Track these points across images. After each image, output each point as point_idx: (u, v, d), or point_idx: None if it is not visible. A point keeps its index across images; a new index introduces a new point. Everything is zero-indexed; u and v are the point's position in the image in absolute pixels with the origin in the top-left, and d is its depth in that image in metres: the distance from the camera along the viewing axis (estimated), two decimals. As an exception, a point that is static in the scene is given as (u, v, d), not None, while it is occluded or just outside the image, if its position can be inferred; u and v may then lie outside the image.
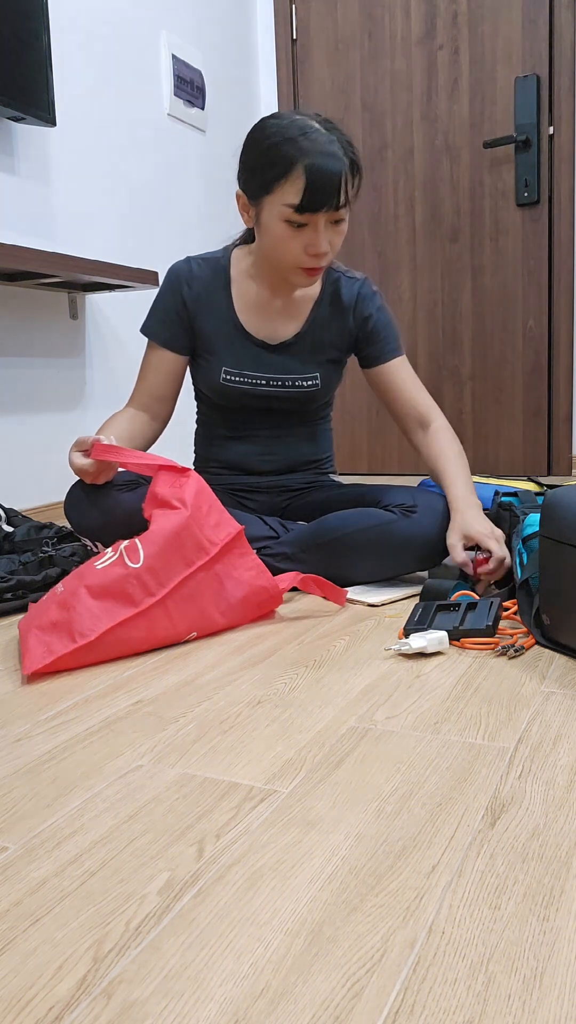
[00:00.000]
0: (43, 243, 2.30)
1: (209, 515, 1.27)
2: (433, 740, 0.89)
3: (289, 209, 1.38)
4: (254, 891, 0.64)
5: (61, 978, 0.55)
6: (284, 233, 1.41)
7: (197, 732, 0.93)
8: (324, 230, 1.41)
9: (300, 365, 1.60)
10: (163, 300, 1.60)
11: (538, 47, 2.96)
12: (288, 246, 1.42)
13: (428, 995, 0.53)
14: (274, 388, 1.60)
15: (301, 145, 1.34)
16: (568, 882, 0.64)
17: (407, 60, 3.15)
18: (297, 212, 1.37)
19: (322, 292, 1.60)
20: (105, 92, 2.53)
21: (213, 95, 3.08)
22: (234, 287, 1.59)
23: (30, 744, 0.92)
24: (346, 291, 1.60)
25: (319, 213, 1.38)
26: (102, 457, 1.35)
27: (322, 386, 1.62)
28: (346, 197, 1.38)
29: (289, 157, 1.35)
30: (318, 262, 1.44)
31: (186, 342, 1.60)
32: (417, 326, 3.27)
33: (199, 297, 1.58)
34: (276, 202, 1.39)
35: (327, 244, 1.42)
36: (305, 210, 1.37)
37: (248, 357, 1.59)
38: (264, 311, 1.59)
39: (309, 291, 1.61)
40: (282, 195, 1.38)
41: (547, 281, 3.05)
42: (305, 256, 1.43)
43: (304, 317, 1.60)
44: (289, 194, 1.37)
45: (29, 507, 2.30)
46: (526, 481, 1.83)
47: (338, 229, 1.43)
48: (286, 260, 1.45)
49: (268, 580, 1.30)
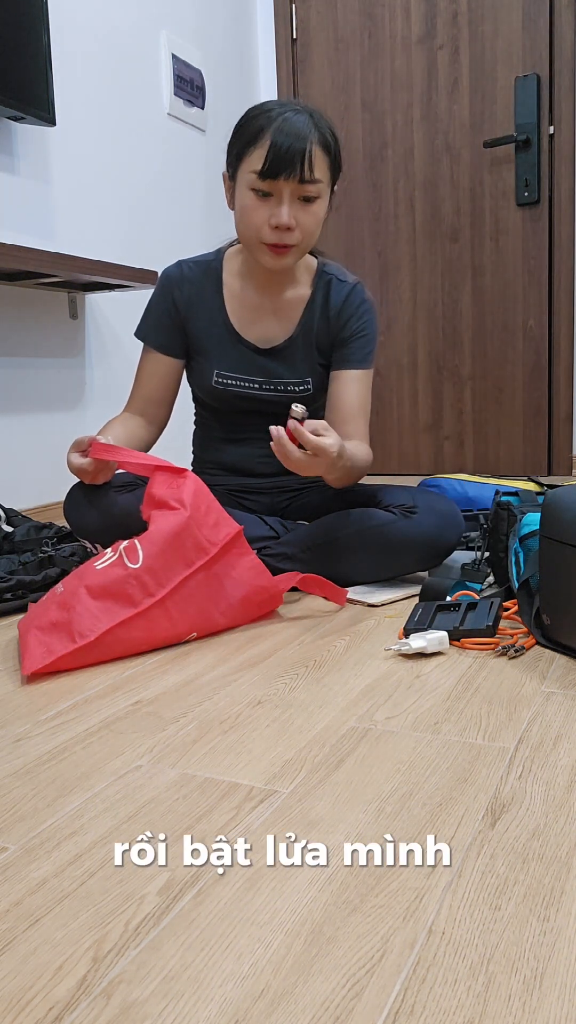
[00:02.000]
0: (43, 243, 2.30)
1: (208, 515, 1.27)
2: (433, 740, 0.89)
3: (254, 176, 1.39)
4: (254, 892, 0.64)
5: (61, 978, 0.55)
6: (251, 202, 1.42)
7: (197, 732, 0.93)
8: (289, 204, 1.40)
9: (291, 370, 1.59)
10: (155, 304, 1.60)
11: (538, 47, 2.96)
12: (253, 217, 1.42)
13: (428, 995, 0.52)
14: (266, 392, 1.59)
15: (271, 116, 1.39)
16: (568, 882, 0.64)
17: (407, 60, 3.15)
18: (260, 178, 1.38)
19: (313, 294, 1.59)
20: (105, 92, 2.53)
21: (213, 95, 3.08)
22: (226, 289, 1.59)
23: (30, 744, 0.92)
24: (335, 294, 1.58)
25: (280, 179, 1.38)
26: (100, 456, 1.36)
27: (314, 391, 1.61)
28: (310, 171, 1.38)
29: (259, 126, 1.39)
30: (281, 237, 1.42)
31: (180, 345, 1.60)
32: (417, 326, 3.27)
33: (190, 300, 1.58)
34: (245, 170, 1.41)
35: (290, 218, 1.40)
36: (267, 175, 1.38)
37: (240, 360, 1.58)
38: (255, 313, 1.59)
39: (300, 293, 1.59)
40: (249, 163, 1.40)
41: (547, 281, 3.05)
42: (268, 230, 1.42)
43: (296, 320, 1.59)
44: (255, 160, 1.39)
45: (29, 507, 2.29)
46: (526, 481, 1.83)
47: (308, 209, 1.42)
48: (252, 234, 1.44)
49: (268, 580, 1.30)
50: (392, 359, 3.30)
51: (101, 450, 1.35)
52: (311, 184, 1.40)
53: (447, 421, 3.26)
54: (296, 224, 1.42)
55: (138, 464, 1.33)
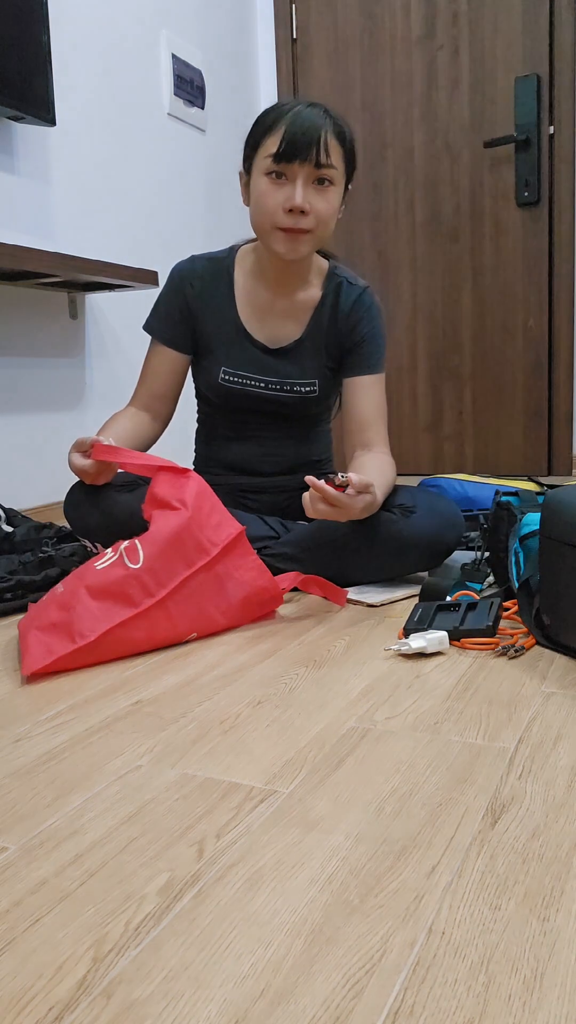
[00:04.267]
0: (43, 243, 2.30)
1: (211, 515, 1.27)
2: (433, 740, 0.89)
3: (269, 160, 1.42)
4: (254, 892, 0.64)
5: (61, 978, 0.55)
6: (266, 187, 1.44)
7: (197, 732, 0.93)
8: (304, 187, 1.42)
9: (300, 371, 1.60)
10: (166, 298, 1.61)
11: (538, 47, 2.96)
12: (267, 202, 1.44)
13: (428, 996, 0.52)
14: (273, 392, 1.59)
15: (286, 109, 1.43)
16: (568, 882, 0.64)
17: (407, 60, 3.15)
18: (275, 161, 1.41)
19: (324, 297, 1.60)
20: (105, 92, 2.53)
21: (213, 95, 3.08)
22: (237, 287, 1.59)
23: (30, 744, 0.92)
24: (344, 297, 1.59)
25: (295, 163, 1.40)
26: (102, 458, 1.36)
27: (320, 393, 1.62)
28: (326, 155, 1.41)
29: (275, 116, 1.43)
30: (296, 221, 1.43)
31: (188, 341, 1.60)
32: (417, 326, 3.27)
33: (201, 296, 1.58)
34: (260, 157, 1.44)
35: (305, 201, 1.42)
36: (282, 158, 1.40)
37: (247, 359, 1.59)
38: (266, 313, 1.59)
39: (311, 294, 1.60)
40: (264, 149, 1.43)
41: (547, 281, 3.05)
42: (283, 214, 1.44)
43: (306, 321, 1.59)
44: (271, 146, 1.42)
45: (29, 507, 2.29)
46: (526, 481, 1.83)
47: (323, 195, 1.44)
48: (266, 220, 1.46)
49: (269, 580, 1.30)
50: (392, 359, 3.30)
51: (103, 452, 1.35)
52: (326, 169, 1.42)
53: (447, 421, 3.26)
54: (311, 208, 1.43)
55: (140, 465, 1.33)
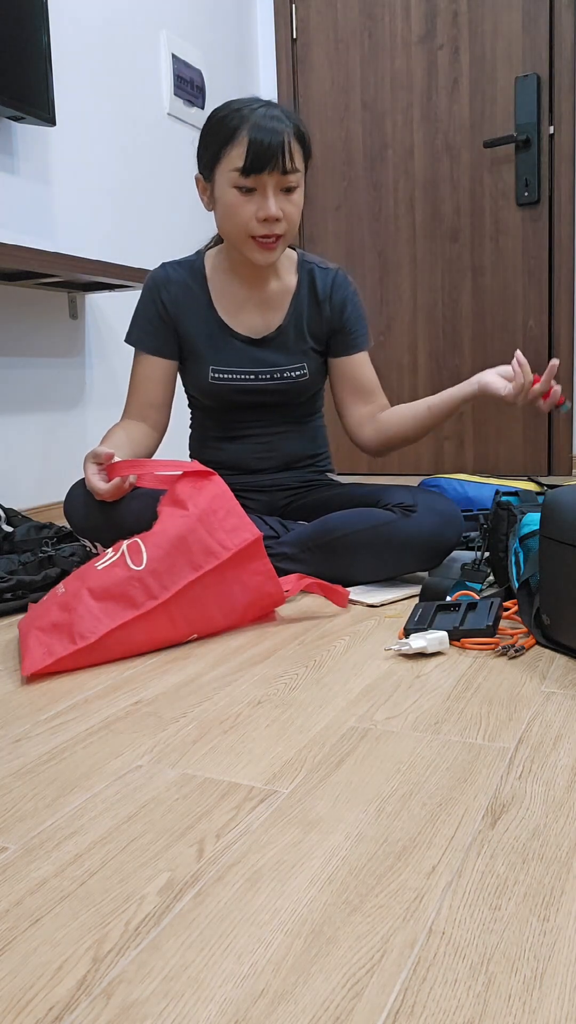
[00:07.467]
0: (43, 243, 2.30)
1: (226, 519, 1.25)
2: (433, 740, 0.89)
3: (236, 173, 1.42)
4: (254, 891, 0.64)
5: (61, 978, 0.55)
6: (235, 200, 1.45)
7: (197, 732, 0.93)
8: (274, 196, 1.44)
9: (286, 357, 1.62)
10: (144, 308, 1.61)
11: (538, 47, 2.96)
12: (239, 214, 1.45)
13: (428, 995, 0.52)
14: (263, 382, 1.60)
15: (243, 114, 1.42)
16: (568, 882, 0.64)
17: (407, 60, 3.15)
18: (243, 175, 1.42)
19: (299, 283, 1.63)
20: (105, 92, 2.53)
21: (213, 95, 3.08)
22: (212, 285, 1.61)
23: (30, 744, 0.92)
24: (321, 281, 1.62)
25: (264, 174, 1.41)
26: (124, 473, 1.36)
27: (310, 375, 1.64)
28: (291, 161, 1.42)
29: (233, 125, 1.42)
30: (270, 228, 1.46)
31: (173, 346, 1.61)
32: (417, 326, 3.27)
33: (178, 299, 1.59)
34: (224, 170, 1.44)
35: (277, 209, 1.44)
36: (250, 171, 1.41)
37: (234, 354, 1.60)
38: (244, 305, 1.61)
39: (286, 283, 1.62)
40: (229, 161, 1.43)
41: (547, 281, 3.05)
42: (256, 224, 1.45)
43: (284, 309, 1.62)
44: (235, 158, 1.42)
45: (29, 507, 2.29)
46: (526, 481, 1.83)
47: (290, 199, 1.46)
48: (239, 232, 1.47)
49: (275, 587, 1.29)
50: (392, 359, 3.31)
51: (125, 467, 1.34)
52: (292, 174, 1.44)
53: (447, 421, 3.26)
54: (283, 215, 1.46)
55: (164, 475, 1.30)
